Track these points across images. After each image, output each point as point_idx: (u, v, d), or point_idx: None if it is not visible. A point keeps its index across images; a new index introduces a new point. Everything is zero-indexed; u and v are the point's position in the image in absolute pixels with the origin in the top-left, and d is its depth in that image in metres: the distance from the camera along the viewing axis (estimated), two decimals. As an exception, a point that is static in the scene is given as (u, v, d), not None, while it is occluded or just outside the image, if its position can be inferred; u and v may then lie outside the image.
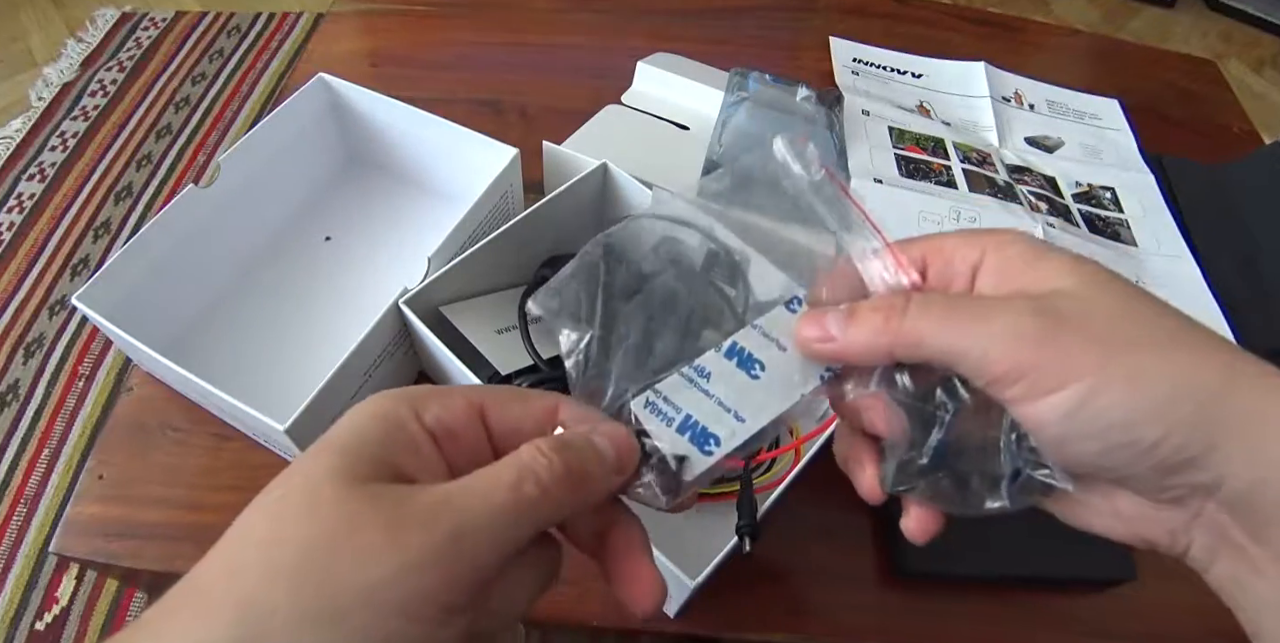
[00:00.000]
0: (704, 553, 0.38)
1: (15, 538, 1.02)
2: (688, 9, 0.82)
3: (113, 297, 0.45)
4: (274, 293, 0.55)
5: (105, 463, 0.47)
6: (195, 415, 0.49)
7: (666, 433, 0.23)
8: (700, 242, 0.31)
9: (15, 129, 1.43)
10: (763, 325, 0.25)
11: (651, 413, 0.24)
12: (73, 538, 0.45)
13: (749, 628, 0.44)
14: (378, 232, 0.59)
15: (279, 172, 0.55)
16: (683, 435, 0.23)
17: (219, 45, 1.61)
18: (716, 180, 0.29)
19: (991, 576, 0.46)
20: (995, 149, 0.71)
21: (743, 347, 0.25)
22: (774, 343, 0.25)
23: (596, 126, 0.65)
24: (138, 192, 1.37)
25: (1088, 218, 0.68)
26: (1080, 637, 0.46)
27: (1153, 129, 0.77)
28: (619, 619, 0.43)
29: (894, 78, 0.78)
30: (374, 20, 0.77)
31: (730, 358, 0.25)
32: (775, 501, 0.40)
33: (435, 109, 0.53)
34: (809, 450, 0.41)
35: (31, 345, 1.19)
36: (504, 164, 0.50)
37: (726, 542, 0.37)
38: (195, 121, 1.48)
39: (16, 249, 1.28)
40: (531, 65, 0.74)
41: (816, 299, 0.25)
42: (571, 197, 0.50)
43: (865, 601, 0.46)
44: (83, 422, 1.12)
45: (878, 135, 0.68)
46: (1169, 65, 0.86)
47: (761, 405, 0.24)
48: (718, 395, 0.24)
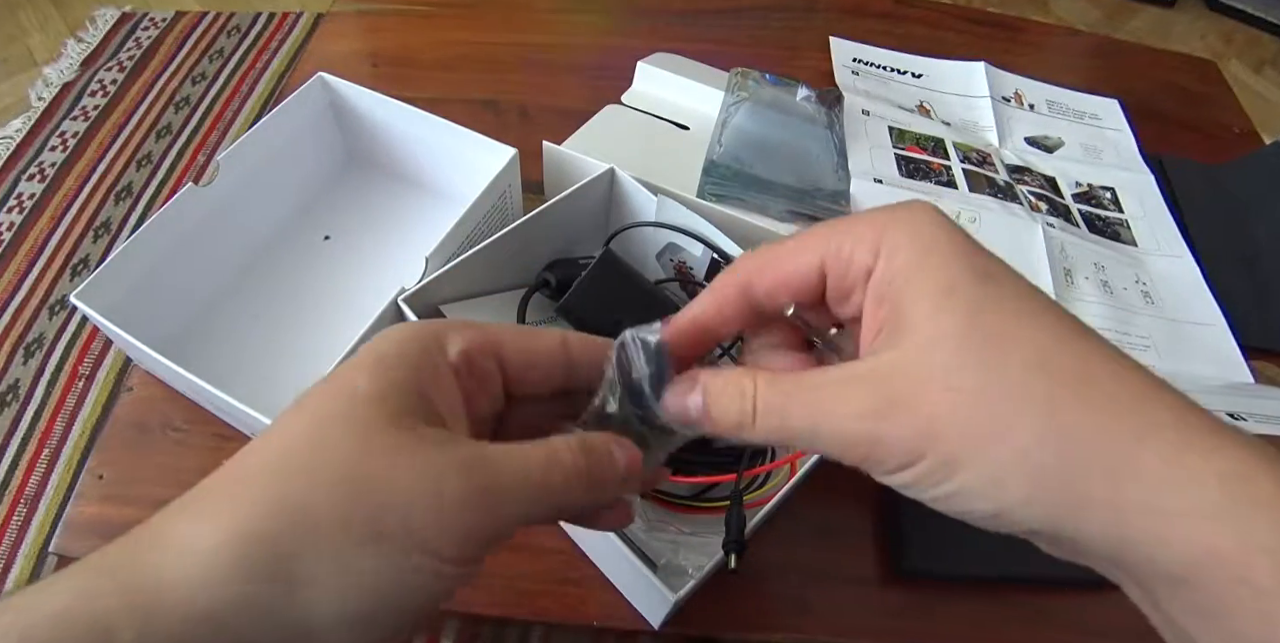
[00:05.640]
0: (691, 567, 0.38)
1: (15, 538, 1.02)
2: (688, 9, 0.82)
3: (112, 295, 0.45)
4: (273, 292, 0.55)
5: (105, 463, 0.47)
6: (195, 415, 0.49)
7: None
8: (703, 252, 0.31)
9: (15, 129, 1.43)
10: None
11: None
12: (73, 538, 0.45)
13: (749, 628, 0.44)
14: (377, 231, 0.59)
15: (278, 171, 0.55)
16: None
17: (219, 45, 1.61)
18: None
19: (991, 576, 0.46)
20: (995, 149, 0.71)
21: None
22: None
23: (596, 126, 0.65)
24: (138, 191, 1.37)
25: (1088, 218, 0.68)
26: (1080, 637, 0.45)
27: (1153, 129, 0.77)
28: (619, 620, 0.43)
29: (894, 78, 0.78)
30: (374, 20, 0.77)
31: None
32: (767, 513, 0.40)
33: (435, 109, 0.53)
34: (804, 465, 0.41)
35: (31, 345, 1.19)
36: (503, 164, 0.50)
37: (713, 556, 0.37)
38: (195, 121, 1.48)
39: (16, 249, 1.28)
40: (531, 65, 0.74)
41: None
42: (577, 200, 0.50)
43: (865, 601, 0.46)
44: (83, 422, 1.12)
45: (878, 135, 0.68)
46: (1169, 65, 0.86)
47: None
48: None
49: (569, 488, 0.21)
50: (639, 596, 0.42)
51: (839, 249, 0.21)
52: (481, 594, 0.44)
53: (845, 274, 0.21)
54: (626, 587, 0.43)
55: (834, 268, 0.21)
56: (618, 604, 0.43)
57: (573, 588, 0.44)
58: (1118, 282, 0.62)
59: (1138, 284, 0.63)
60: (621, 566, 0.40)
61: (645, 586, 0.38)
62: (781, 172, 0.60)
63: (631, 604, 0.43)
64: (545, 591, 0.44)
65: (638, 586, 0.41)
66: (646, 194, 0.50)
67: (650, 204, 0.50)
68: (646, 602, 0.41)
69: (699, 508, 0.44)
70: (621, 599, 0.43)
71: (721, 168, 0.59)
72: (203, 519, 0.18)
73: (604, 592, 0.44)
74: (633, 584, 0.42)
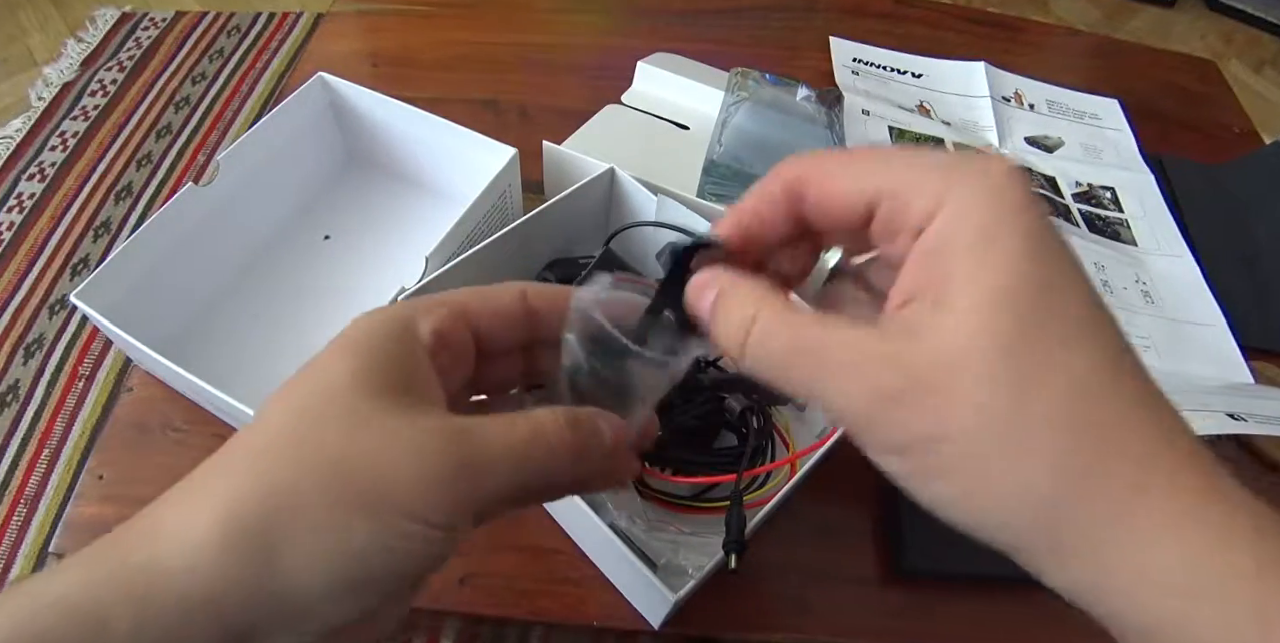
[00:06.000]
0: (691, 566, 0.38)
1: (15, 538, 1.02)
2: (688, 9, 0.82)
3: (112, 295, 0.45)
4: (273, 292, 0.55)
5: (105, 463, 0.47)
6: (195, 415, 0.49)
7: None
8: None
9: (15, 129, 1.43)
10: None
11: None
12: (73, 538, 0.45)
13: (749, 628, 0.44)
14: (377, 231, 0.59)
15: (278, 171, 0.55)
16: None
17: (219, 45, 1.61)
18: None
19: (991, 576, 0.46)
20: (995, 149, 0.71)
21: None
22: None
23: (596, 126, 0.65)
24: (138, 191, 1.37)
25: (1088, 218, 0.68)
26: (1080, 637, 0.45)
27: (1153, 129, 0.77)
28: (619, 620, 0.43)
29: (894, 78, 0.78)
30: (374, 20, 0.77)
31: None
32: (767, 513, 0.40)
33: (435, 109, 0.53)
34: (804, 465, 0.41)
35: (31, 345, 1.19)
36: (502, 164, 0.50)
37: (713, 556, 0.37)
38: (195, 121, 1.48)
39: (16, 249, 1.28)
40: (531, 65, 0.74)
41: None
42: (577, 201, 0.50)
43: (865, 601, 0.46)
44: (83, 422, 1.12)
45: (878, 135, 0.68)
46: (1169, 65, 0.86)
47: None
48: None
49: (555, 461, 0.21)
50: (639, 596, 0.42)
51: (895, 192, 0.19)
52: (481, 594, 0.44)
53: (894, 219, 0.19)
54: (626, 587, 0.43)
55: (885, 209, 0.19)
56: (618, 604, 0.43)
57: (573, 588, 0.44)
58: (1118, 282, 0.62)
59: (1138, 284, 0.63)
60: (621, 566, 0.40)
61: (645, 586, 0.38)
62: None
63: (631, 604, 0.43)
64: (545, 591, 0.44)
65: (638, 586, 0.41)
66: (646, 194, 0.50)
67: (650, 204, 0.50)
68: (646, 602, 0.41)
69: (699, 508, 0.43)
70: (621, 599, 0.43)
71: (721, 168, 0.59)
72: (191, 507, 0.18)
73: (604, 592, 0.44)
74: (633, 584, 0.42)
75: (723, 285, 0.21)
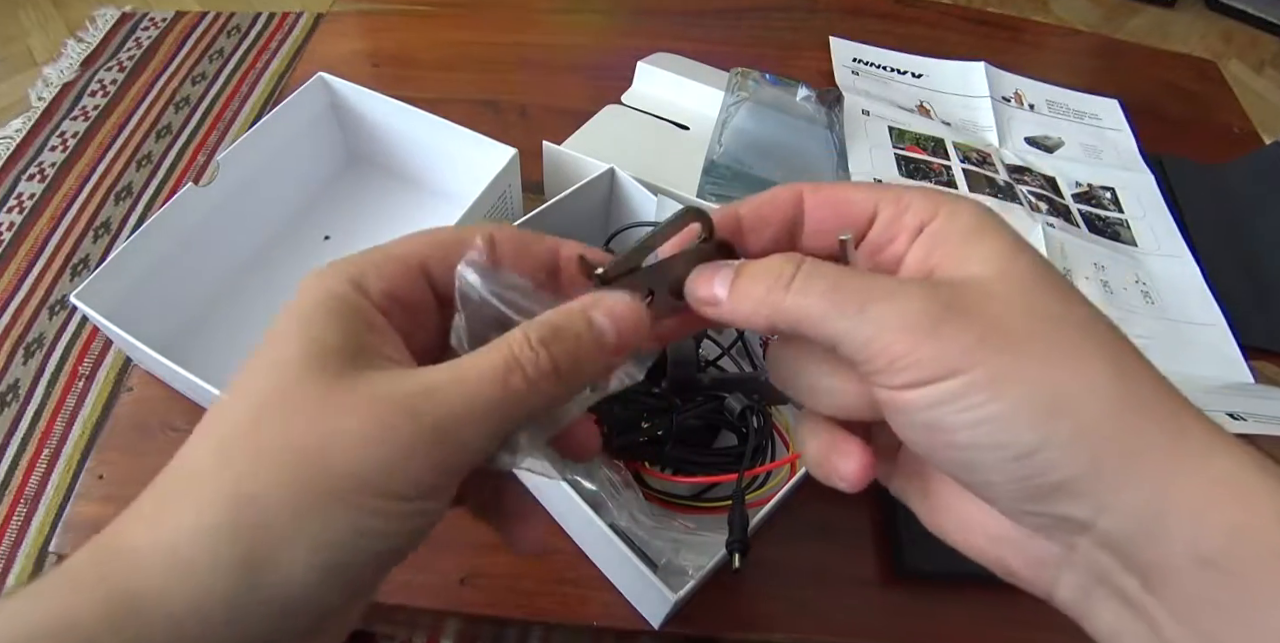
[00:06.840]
0: (691, 566, 0.38)
1: (15, 538, 1.02)
2: (688, 9, 0.82)
3: (112, 295, 0.45)
4: (273, 292, 0.55)
5: (105, 463, 0.47)
6: (195, 415, 0.49)
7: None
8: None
9: (15, 129, 1.43)
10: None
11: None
12: (73, 538, 0.45)
13: (749, 628, 0.44)
14: (377, 231, 0.59)
15: (278, 171, 0.55)
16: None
17: (219, 45, 1.61)
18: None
19: (991, 576, 0.46)
20: (995, 149, 0.71)
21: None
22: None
23: (596, 126, 0.65)
24: (138, 192, 1.37)
25: (1088, 218, 0.68)
26: (1080, 637, 0.45)
27: (1153, 129, 0.77)
28: (619, 620, 0.43)
29: (894, 78, 0.78)
30: (374, 20, 0.77)
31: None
32: (768, 513, 0.40)
33: (435, 109, 0.53)
34: (804, 465, 0.41)
35: (31, 345, 1.19)
36: (503, 164, 0.50)
37: (714, 556, 0.37)
38: (195, 121, 1.48)
39: (16, 249, 1.29)
40: (531, 65, 0.74)
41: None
42: (577, 200, 0.50)
43: (865, 601, 0.46)
44: (83, 422, 1.12)
45: (878, 135, 0.68)
46: (1169, 65, 0.86)
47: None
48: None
49: (534, 387, 0.19)
50: (639, 596, 0.42)
51: (897, 198, 0.22)
52: (481, 595, 0.44)
53: (895, 222, 0.22)
54: (626, 587, 0.43)
55: (887, 213, 0.22)
56: (618, 604, 0.43)
57: (573, 588, 0.44)
58: (1118, 282, 0.62)
59: (1138, 284, 0.63)
60: (622, 566, 0.40)
61: (645, 586, 0.38)
62: (781, 172, 0.60)
63: (631, 604, 0.43)
64: (545, 591, 0.44)
65: (638, 586, 0.41)
66: (646, 194, 0.50)
67: (650, 204, 0.50)
68: (646, 602, 0.41)
69: (699, 508, 0.44)
70: (621, 599, 0.43)
71: (721, 168, 0.59)
72: (162, 524, 0.18)
73: (604, 592, 0.44)
74: (633, 584, 0.42)
75: (745, 262, 0.22)
